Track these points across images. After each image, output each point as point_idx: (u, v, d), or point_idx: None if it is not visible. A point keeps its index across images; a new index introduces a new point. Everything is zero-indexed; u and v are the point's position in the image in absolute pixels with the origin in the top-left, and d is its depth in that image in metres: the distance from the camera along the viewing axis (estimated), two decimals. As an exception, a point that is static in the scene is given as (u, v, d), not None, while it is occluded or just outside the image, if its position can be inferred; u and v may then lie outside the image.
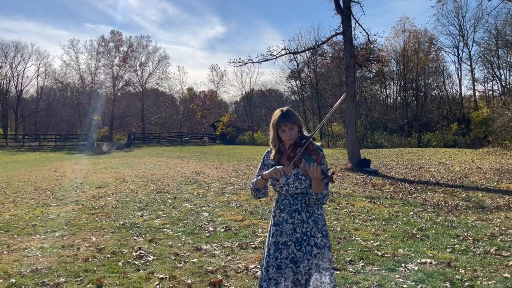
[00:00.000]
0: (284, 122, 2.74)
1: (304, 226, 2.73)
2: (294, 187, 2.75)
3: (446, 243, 5.40)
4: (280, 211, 2.80)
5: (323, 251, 2.71)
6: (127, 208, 8.13)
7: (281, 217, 2.78)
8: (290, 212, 2.75)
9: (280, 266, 2.72)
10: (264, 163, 2.93)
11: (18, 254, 5.05)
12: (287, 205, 2.78)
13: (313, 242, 2.71)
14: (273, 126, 2.79)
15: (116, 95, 56.10)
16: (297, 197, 2.76)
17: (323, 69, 50.41)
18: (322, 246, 2.71)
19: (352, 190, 10.40)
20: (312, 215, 2.76)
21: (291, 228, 2.73)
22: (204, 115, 67.29)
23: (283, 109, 2.82)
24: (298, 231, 2.73)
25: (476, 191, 9.93)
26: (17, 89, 55.43)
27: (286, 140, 2.78)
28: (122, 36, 57.41)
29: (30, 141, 43.73)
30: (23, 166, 20.20)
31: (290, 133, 2.75)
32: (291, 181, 2.75)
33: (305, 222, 2.74)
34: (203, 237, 5.82)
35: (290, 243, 2.72)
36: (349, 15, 16.09)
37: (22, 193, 10.55)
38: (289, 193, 2.78)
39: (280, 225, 2.77)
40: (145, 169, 16.48)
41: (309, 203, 2.77)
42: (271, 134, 2.83)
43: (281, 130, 2.76)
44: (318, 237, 2.73)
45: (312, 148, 2.70)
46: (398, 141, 39.45)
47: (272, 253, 2.76)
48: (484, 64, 42.67)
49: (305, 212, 2.76)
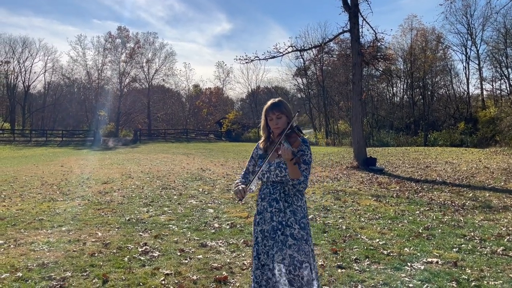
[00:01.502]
0: (272, 110, 2.88)
1: (280, 216, 2.80)
2: (275, 175, 2.82)
3: (452, 242, 5.36)
4: (261, 199, 2.90)
5: (299, 243, 2.74)
6: (133, 204, 8.16)
7: (262, 206, 2.89)
8: (269, 201, 2.84)
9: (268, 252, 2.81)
10: (252, 156, 3.09)
11: (25, 248, 5.09)
12: (267, 194, 2.87)
13: (289, 232, 2.76)
14: (264, 114, 2.95)
15: (122, 91, 56.28)
16: (276, 186, 2.85)
17: (329, 67, 50.25)
18: (298, 238, 2.75)
19: (357, 188, 10.36)
20: (291, 205, 2.82)
21: (269, 216, 2.83)
22: (210, 112, 67.39)
23: (275, 99, 2.96)
24: (274, 219, 2.80)
25: (483, 190, 9.86)
26: (24, 85, 55.83)
27: (274, 129, 2.90)
28: (129, 32, 57.68)
29: (37, 136, 44.05)
30: (30, 161, 20.34)
31: (277, 122, 2.87)
32: (273, 168, 2.83)
33: (282, 212, 2.80)
34: (209, 234, 5.83)
35: (267, 232, 2.83)
36: (356, 12, 16.00)
37: (29, 187, 10.62)
38: (270, 181, 2.87)
39: (262, 214, 2.88)
40: (151, 165, 16.54)
41: (289, 193, 2.84)
42: (262, 122, 2.98)
43: (269, 118, 2.90)
44: (295, 228, 2.77)
45: (294, 137, 2.81)
46: (405, 139, 39.26)
47: (260, 241, 2.86)
48: (492, 63, 42.35)
49: (283, 201, 2.82)
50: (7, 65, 54.43)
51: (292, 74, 54.40)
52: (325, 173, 13.52)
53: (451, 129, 39.01)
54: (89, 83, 58.48)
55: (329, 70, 49.80)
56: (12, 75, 55.21)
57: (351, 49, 17.02)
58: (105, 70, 58.07)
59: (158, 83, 61.13)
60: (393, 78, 47.23)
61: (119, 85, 56.42)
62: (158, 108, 61.88)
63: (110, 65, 57.52)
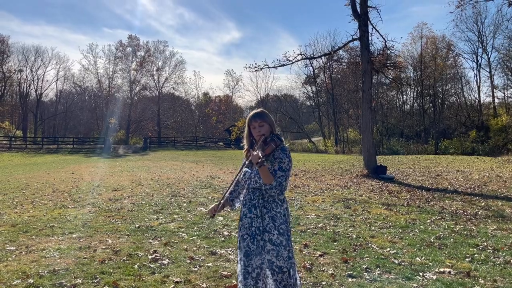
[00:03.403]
0: (255, 118, 2.99)
1: (258, 221, 2.86)
2: (254, 181, 2.89)
3: (465, 252, 5.29)
4: (243, 205, 2.98)
5: (278, 249, 2.80)
6: (142, 211, 8.19)
7: (242, 212, 2.96)
8: (249, 207, 2.91)
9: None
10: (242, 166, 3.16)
11: (36, 254, 5.12)
12: (248, 200, 2.95)
13: (268, 237, 2.83)
14: (246, 123, 3.05)
15: (133, 99, 56.80)
16: (255, 193, 2.91)
17: (339, 75, 50.22)
18: (277, 244, 2.81)
19: (368, 196, 10.29)
20: (269, 211, 2.88)
21: (248, 222, 2.89)
22: (219, 120, 67.59)
23: (258, 110, 3.08)
24: (254, 225, 2.87)
25: (496, 199, 9.72)
26: (36, 93, 56.63)
27: (256, 136, 2.99)
28: (139, 41, 58.34)
29: (49, 143, 44.54)
30: (42, 168, 20.55)
31: (260, 129, 2.97)
32: (253, 175, 2.91)
33: (259, 217, 2.86)
34: (218, 242, 5.82)
35: (246, 237, 2.88)
36: (366, 20, 16.01)
37: (41, 194, 10.72)
38: (251, 188, 2.94)
39: (242, 220, 2.94)
40: (160, 172, 16.60)
41: (268, 200, 2.91)
42: (245, 130, 3.08)
43: (252, 127, 3.00)
44: (274, 233, 2.83)
45: (269, 144, 2.88)
46: (415, 148, 38.94)
47: (240, 246, 2.93)
48: (504, 71, 41.98)
49: (262, 207, 2.88)
50: (20, 74, 55.38)
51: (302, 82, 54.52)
52: (335, 181, 13.45)
53: (462, 137, 38.62)
54: (100, 91, 59.14)
55: (339, 78, 49.76)
56: (24, 84, 56.16)
57: (360, 57, 17.00)
58: (116, 78, 58.85)
59: (168, 91, 61.66)
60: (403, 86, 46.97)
61: (130, 93, 56.97)
62: (168, 116, 62.26)
63: (120, 73, 58.27)
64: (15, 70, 54.79)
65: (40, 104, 57.80)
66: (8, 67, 54.11)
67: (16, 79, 55.82)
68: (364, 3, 16.00)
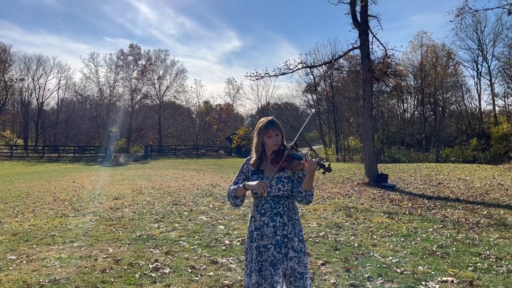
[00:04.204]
0: (272, 127, 2.90)
1: (285, 229, 2.83)
2: (277, 189, 2.83)
3: (467, 261, 5.26)
4: (260, 215, 2.87)
5: (299, 255, 2.80)
6: (143, 220, 8.16)
7: (261, 221, 2.86)
8: (271, 216, 2.84)
9: (261, 269, 2.80)
10: (242, 171, 3.03)
11: (37, 264, 5.11)
12: (268, 209, 2.86)
13: (290, 245, 2.81)
14: (259, 131, 2.92)
15: (134, 108, 56.92)
16: (278, 201, 2.86)
17: (339, 83, 50.34)
18: (298, 251, 2.80)
19: (369, 205, 10.26)
20: (291, 219, 2.87)
21: (272, 231, 2.82)
22: (220, 128, 67.70)
23: (269, 117, 2.98)
24: (278, 233, 2.81)
25: (498, 208, 9.69)
26: (38, 102, 56.79)
27: (272, 146, 2.90)
28: (140, 49, 58.61)
29: (50, 152, 44.53)
30: (43, 177, 20.54)
31: (276, 139, 2.89)
32: (274, 183, 2.84)
33: (286, 225, 2.83)
34: (219, 250, 5.80)
35: (270, 246, 2.80)
36: (366, 29, 16.09)
37: (42, 203, 10.70)
38: (270, 196, 2.85)
39: (261, 229, 2.85)
40: (161, 181, 16.58)
41: (289, 207, 2.88)
42: (255, 139, 2.96)
43: (268, 135, 2.90)
44: (295, 241, 2.82)
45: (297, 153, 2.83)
46: (416, 156, 38.88)
47: (254, 258, 2.83)
48: (504, 79, 42.03)
49: (287, 215, 2.85)
50: (22, 83, 55.60)
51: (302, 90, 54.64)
52: (336, 190, 13.42)
53: (463, 145, 38.58)
54: (101, 100, 59.28)
55: (339, 86, 49.86)
56: (26, 92, 56.36)
57: (361, 65, 17.06)
58: (117, 87, 59.02)
59: (169, 99, 61.87)
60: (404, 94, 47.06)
61: (131, 101, 57.11)
62: (168, 124, 62.37)
63: (122, 82, 58.45)
64: (17, 79, 55.06)
65: (42, 113, 57.93)
66: (10, 76, 54.35)
67: (18, 88, 56.09)
68: (365, 12, 16.09)
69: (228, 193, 2.94)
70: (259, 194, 2.76)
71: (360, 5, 16.18)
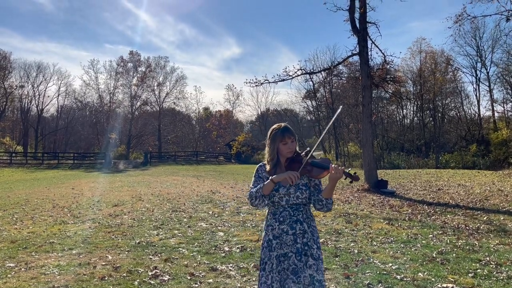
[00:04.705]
0: (288, 134, 2.85)
1: (305, 236, 2.79)
2: (295, 197, 2.79)
3: (467, 267, 5.25)
4: (279, 223, 2.82)
5: (317, 263, 2.76)
6: (143, 227, 8.14)
7: (280, 229, 2.81)
8: (290, 224, 2.79)
9: (282, 278, 2.75)
10: (259, 176, 2.94)
11: (35, 271, 5.09)
12: (287, 217, 2.81)
13: (310, 253, 2.76)
14: (274, 138, 2.87)
15: (133, 114, 56.95)
16: (297, 208, 2.81)
17: (339, 89, 50.43)
18: (317, 258, 2.77)
19: (369, 211, 10.25)
20: (310, 226, 2.84)
21: (291, 239, 2.77)
22: (219, 134, 67.73)
23: (283, 124, 2.93)
24: (299, 241, 2.77)
25: (498, 214, 9.67)
26: (38, 108, 56.82)
27: (287, 153, 2.87)
28: (140, 56, 58.70)
29: (49, 159, 44.49)
30: (42, 184, 20.51)
31: (292, 146, 2.85)
32: (293, 190, 2.80)
33: (306, 232, 2.80)
34: (219, 257, 5.78)
35: (291, 254, 2.75)
36: (365, 36, 16.16)
37: (41, 210, 10.68)
38: (289, 204, 2.81)
39: (280, 237, 2.80)
40: (161, 187, 16.56)
41: (307, 215, 2.85)
42: (270, 147, 2.89)
43: (284, 142, 2.85)
44: (314, 248, 2.79)
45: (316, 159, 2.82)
46: (416, 162, 38.86)
47: (274, 267, 2.77)
48: (503, 85, 42.09)
49: (306, 222, 2.82)
50: (22, 89, 55.68)
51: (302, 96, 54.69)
52: (336, 196, 13.40)
53: (462, 151, 38.56)
54: (101, 107, 59.33)
55: (339, 93, 49.95)
56: (26, 99, 56.42)
57: (360, 71, 17.11)
58: (117, 93, 59.05)
59: (169, 106, 61.90)
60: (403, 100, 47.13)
61: (131, 108, 57.15)
62: (168, 130, 62.38)
63: (121, 89, 58.49)
64: (17, 86, 55.14)
65: (41, 120, 57.95)
66: (10, 83, 54.45)
67: (18, 94, 56.16)
68: (363, 19, 16.17)
69: (251, 195, 2.81)
70: (288, 184, 2.73)
71: (359, 12, 16.26)
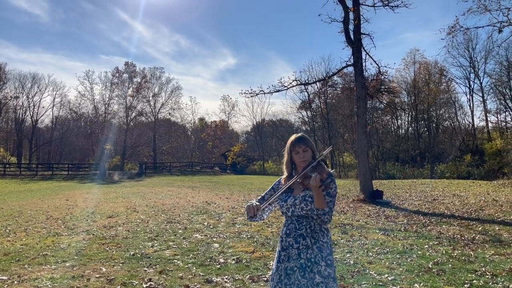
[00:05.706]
0: (299, 143, 2.86)
1: (308, 252, 2.71)
2: (300, 208, 2.75)
3: (463, 278, 5.24)
4: (286, 235, 2.80)
5: (326, 281, 2.65)
6: (137, 238, 8.08)
7: (287, 242, 2.79)
8: (295, 237, 2.76)
9: None
10: (272, 187, 3.01)
11: (28, 284, 5.02)
12: (292, 230, 2.78)
13: (316, 269, 2.67)
14: (288, 148, 2.90)
15: (128, 125, 56.81)
16: (302, 222, 2.77)
17: (333, 100, 50.69)
18: (325, 276, 2.66)
19: (365, 222, 10.23)
20: (317, 241, 2.74)
21: (296, 253, 2.72)
22: (215, 145, 67.63)
23: (299, 134, 2.96)
24: (302, 256, 2.71)
25: (493, 224, 9.69)
26: (32, 119, 56.54)
27: (299, 162, 2.86)
28: (136, 67, 58.68)
29: (43, 170, 44.21)
30: (36, 195, 20.34)
31: (304, 155, 2.84)
32: (298, 202, 2.77)
33: (310, 248, 2.72)
34: (214, 269, 5.74)
35: (295, 269, 2.71)
36: (359, 47, 16.30)
37: (34, 222, 10.58)
38: (295, 215, 2.79)
39: (287, 250, 2.77)
40: (156, 198, 16.48)
41: (315, 229, 2.76)
42: (285, 157, 2.93)
43: (295, 152, 2.86)
44: (322, 265, 2.68)
45: (321, 168, 2.78)
46: (411, 172, 38.99)
47: (282, 279, 2.73)
48: (496, 96, 42.47)
49: (310, 237, 2.74)
50: (16, 100, 55.45)
51: (297, 107, 54.89)
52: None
53: (457, 161, 38.74)
54: (96, 117, 59.18)
55: (334, 103, 50.21)
56: (20, 110, 56.17)
57: (355, 82, 17.23)
58: (112, 104, 58.90)
59: (164, 116, 61.74)
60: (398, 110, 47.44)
61: (126, 118, 57.00)
62: (163, 141, 62.25)
63: (117, 99, 58.35)
64: (11, 97, 54.91)
65: (36, 131, 57.63)
66: (4, 93, 54.23)
67: (12, 105, 55.92)
68: (358, 31, 16.33)
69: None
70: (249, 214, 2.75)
71: (353, 24, 16.44)
